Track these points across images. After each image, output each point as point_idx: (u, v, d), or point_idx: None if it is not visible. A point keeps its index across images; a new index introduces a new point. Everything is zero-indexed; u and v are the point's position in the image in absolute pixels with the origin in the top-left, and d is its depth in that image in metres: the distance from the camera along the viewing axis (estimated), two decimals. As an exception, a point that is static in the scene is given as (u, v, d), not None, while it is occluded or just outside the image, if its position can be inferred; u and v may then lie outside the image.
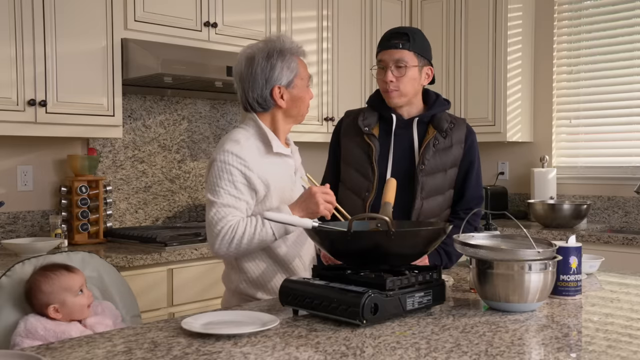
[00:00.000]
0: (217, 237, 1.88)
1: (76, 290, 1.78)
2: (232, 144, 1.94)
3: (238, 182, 1.91)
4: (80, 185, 3.09)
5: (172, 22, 3.19)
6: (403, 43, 2.22)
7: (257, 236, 1.87)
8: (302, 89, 2.02)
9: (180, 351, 1.32)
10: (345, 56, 4.10)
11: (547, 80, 4.32)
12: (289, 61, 1.99)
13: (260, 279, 2.00)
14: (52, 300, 1.75)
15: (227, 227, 1.87)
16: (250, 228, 1.87)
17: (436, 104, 2.34)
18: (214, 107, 3.84)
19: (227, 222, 1.88)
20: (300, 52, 2.04)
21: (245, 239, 1.87)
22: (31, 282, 1.79)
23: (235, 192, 1.90)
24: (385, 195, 1.94)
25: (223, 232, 1.87)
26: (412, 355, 1.29)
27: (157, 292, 2.81)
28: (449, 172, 2.29)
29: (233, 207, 1.90)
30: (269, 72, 1.97)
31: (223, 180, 1.90)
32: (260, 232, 1.87)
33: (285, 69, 1.98)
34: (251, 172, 1.92)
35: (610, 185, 4.04)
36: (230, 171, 1.91)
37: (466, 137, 2.34)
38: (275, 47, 1.99)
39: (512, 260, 1.63)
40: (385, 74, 2.24)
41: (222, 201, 1.89)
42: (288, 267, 2.01)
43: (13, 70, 2.71)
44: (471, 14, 4.30)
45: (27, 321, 1.72)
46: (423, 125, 2.32)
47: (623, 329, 1.54)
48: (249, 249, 1.90)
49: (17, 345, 1.67)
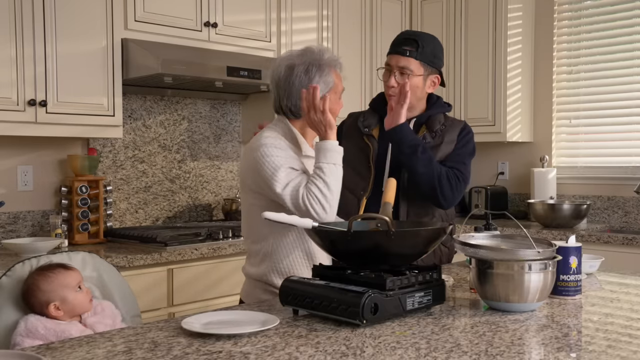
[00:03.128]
0: (310, 210, 1.86)
1: (75, 287, 1.79)
2: (269, 139, 1.96)
3: (289, 157, 1.93)
4: (80, 185, 3.09)
5: (172, 22, 3.19)
6: (411, 51, 2.24)
7: (328, 179, 1.88)
8: (334, 102, 2.03)
9: (180, 351, 1.32)
10: (346, 56, 4.09)
11: (547, 80, 4.32)
12: (326, 76, 2.00)
13: (288, 269, 2.01)
14: (52, 298, 1.75)
15: (305, 196, 1.87)
16: (319, 181, 1.87)
17: (435, 106, 2.37)
18: (214, 107, 3.84)
19: (301, 193, 1.87)
20: (338, 65, 2.05)
21: (324, 191, 1.87)
22: (29, 282, 1.79)
23: (293, 164, 1.92)
24: (385, 195, 1.94)
25: (309, 203, 1.87)
26: (412, 355, 1.29)
27: (157, 292, 2.81)
28: None
29: (300, 177, 1.91)
30: (306, 84, 1.98)
31: (276, 165, 1.90)
32: (326, 175, 1.88)
33: (322, 84, 1.99)
34: (292, 161, 1.94)
35: (610, 185, 4.04)
36: (277, 154, 1.91)
37: (459, 135, 2.35)
38: (314, 61, 2.00)
39: (512, 260, 1.63)
40: (389, 78, 2.26)
41: (287, 178, 1.89)
42: (314, 257, 2.01)
43: (13, 70, 2.71)
44: (471, 14, 4.30)
45: (27, 321, 1.72)
46: (419, 126, 2.35)
47: (623, 329, 1.54)
48: (335, 193, 1.90)
49: (18, 345, 1.67)
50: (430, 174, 2.20)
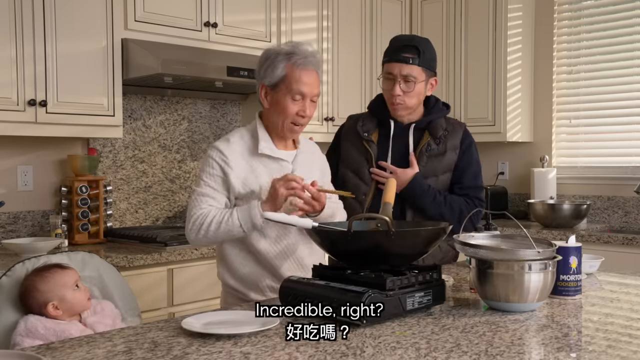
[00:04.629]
0: (189, 222, 1.96)
1: (72, 285, 1.79)
2: (222, 142, 2.04)
3: (216, 175, 1.99)
4: (80, 185, 3.09)
5: (172, 22, 3.19)
6: (413, 58, 2.24)
7: (223, 225, 1.91)
8: (284, 98, 1.96)
9: (180, 351, 1.32)
10: (346, 56, 4.10)
11: (547, 80, 4.32)
12: (276, 62, 1.96)
13: (239, 270, 2.03)
14: (50, 297, 1.75)
15: (199, 213, 1.95)
16: (219, 217, 1.92)
17: (434, 110, 2.36)
18: (214, 107, 3.84)
19: (200, 209, 1.95)
20: (297, 62, 1.95)
21: (212, 226, 1.92)
22: (26, 284, 1.78)
23: (213, 184, 1.99)
24: (385, 195, 1.94)
25: (194, 218, 1.95)
26: (412, 355, 1.29)
27: (157, 292, 2.81)
28: (442, 177, 2.32)
29: (210, 197, 1.97)
30: (258, 67, 2.02)
31: (205, 172, 2.01)
32: (227, 221, 1.90)
33: (270, 69, 1.97)
34: (230, 169, 1.98)
35: (610, 185, 4.04)
36: (212, 165, 2.00)
37: (462, 142, 2.35)
38: (275, 49, 2.01)
39: (512, 260, 1.63)
40: (394, 87, 2.26)
41: (201, 190, 1.99)
42: (268, 263, 2.01)
43: (13, 70, 2.71)
44: (471, 14, 4.30)
45: (27, 320, 1.72)
46: (420, 130, 2.35)
47: (623, 329, 1.54)
48: (217, 237, 1.94)
49: (18, 345, 1.67)
50: (453, 219, 2.20)
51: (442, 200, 2.26)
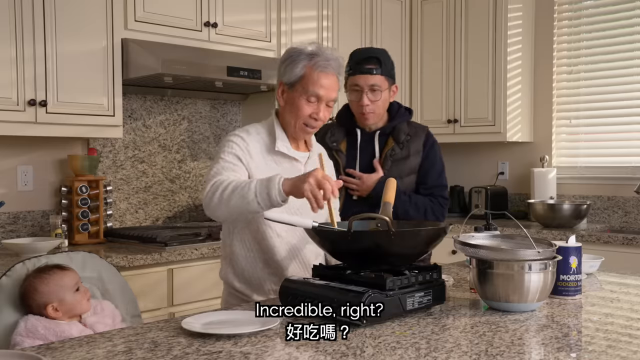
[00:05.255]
0: (206, 189, 1.85)
1: (72, 287, 1.78)
2: (241, 131, 2.02)
3: (238, 154, 1.93)
4: (80, 185, 3.09)
5: (172, 22, 3.19)
6: (376, 68, 2.38)
7: (238, 190, 1.75)
8: (299, 98, 1.94)
9: (180, 351, 1.32)
10: (346, 56, 4.08)
11: (547, 80, 4.32)
12: (297, 61, 1.94)
13: (245, 272, 2.01)
14: (50, 299, 1.75)
15: (217, 179, 1.85)
16: (236, 183, 1.79)
17: (397, 116, 2.49)
18: (214, 107, 3.84)
19: (219, 177, 1.86)
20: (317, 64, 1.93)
21: (228, 190, 1.77)
22: (26, 285, 1.78)
23: (234, 160, 1.93)
24: (385, 195, 1.95)
25: (211, 183, 1.84)
26: (412, 355, 1.29)
27: (157, 292, 2.81)
28: (406, 179, 2.44)
29: (230, 170, 1.90)
30: (280, 64, 2.01)
31: (225, 152, 1.94)
32: (243, 187, 1.75)
33: (289, 67, 1.96)
34: (249, 158, 1.95)
35: (610, 185, 4.04)
36: (232, 146, 1.95)
37: (424, 145, 2.47)
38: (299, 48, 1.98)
39: (512, 260, 1.63)
40: (362, 98, 2.38)
41: (220, 164, 1.91)
42: (275, 263, 2.00)
43: (13, 70, 2.71)
44: (471, 14, 4.30)
45: (27, 321, 1.72)
46: (384, 136, 2.47)
47: (623, 329, 1.54)
48: (230, 206, 1.77)
49: (18, 345, 1.67)
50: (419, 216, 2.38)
51: (407, 200, 2.38)
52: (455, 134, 4.37)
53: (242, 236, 2.00)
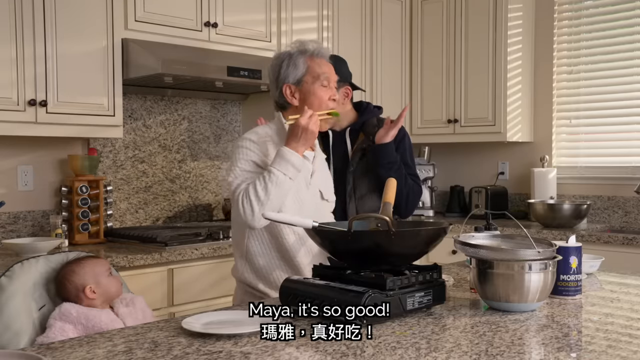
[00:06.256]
0: (239, 206, 1.92)
1: (106, 272, 1.90)
2: (251, 134, 2.06)
3: (253, 159, 1.99)
4: (80, 185, 3.09)
5: (172, 22, 3.19)
6: None
7: (269, 184, 1.89)
8: (314, 86, 2.05)
9: (180, 351, 1.32)
10: (345, 56, 4.06)
11: (547, 80, 4.32)
12: (295, 60, 2.05)
13: (263, 269, 2.03)
14: (87, 281, 1.85)
15: (241, 191, 1.92)
16: (260, 182, 1.90)
17: (366, 112, 2.59)
18: (214, 107, 3.84)
19: (241, 188, 1.93)
20: (313, 53, 2.07)
21: (260, 192, 1.89)
22: (62, 272, 1.88)
23: (249, 167, 1.98)
24: (385, 195, 1.95)
25: (241, 199, 1.92)
26: (412, 355, 1.29)
27: (157, 292, 2.81)
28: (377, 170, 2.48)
29: (247, 178, 1.96)
30: (277, 71, 2.07)
31: (239, 160, 1.99)
32: (270, 179, 1.89)
33: (291, 67, 2.04)
34: (265, 157, 2.00)
35: (610, 185, 4.04)
36: (245, 152, 2.00)
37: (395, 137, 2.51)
38: (286, 51, 2.09)
39: (512, 260, 1.63)
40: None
41: (237, 175, 1.97)
42: (292, 260, 2.02)
43: (13, 70, 2.71)
44: (471, 14, 4.30)
45: (62, 306, 1.81)
46: (355, 132, 2.56)
47: (623, 329, 1.54)
48: (272, 199, 1.90)
49: (50, 327, 1.77)
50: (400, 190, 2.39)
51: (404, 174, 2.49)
52: (455, 134, 4.37)
53: (257, 232, 2.02)
